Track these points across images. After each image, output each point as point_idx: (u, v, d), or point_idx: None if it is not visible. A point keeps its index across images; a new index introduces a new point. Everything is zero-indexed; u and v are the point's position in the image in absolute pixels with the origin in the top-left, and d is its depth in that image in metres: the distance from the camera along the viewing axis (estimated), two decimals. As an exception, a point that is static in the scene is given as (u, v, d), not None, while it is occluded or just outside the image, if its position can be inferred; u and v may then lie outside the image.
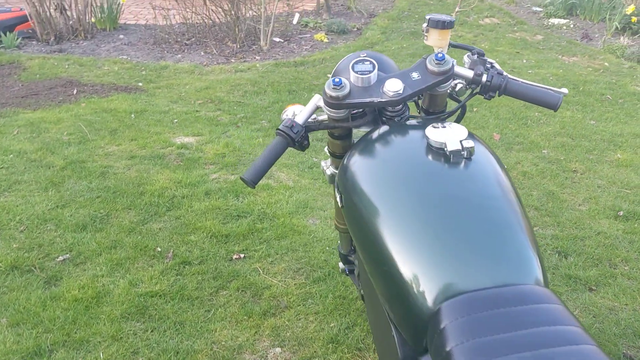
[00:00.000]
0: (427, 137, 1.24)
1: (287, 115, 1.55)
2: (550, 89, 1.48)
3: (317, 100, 1.46)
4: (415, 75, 1.41)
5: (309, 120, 1.47)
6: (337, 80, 1.36)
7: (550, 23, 7.57)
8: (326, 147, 1.68)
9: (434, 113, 1.55)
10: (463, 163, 1.20)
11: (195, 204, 3.05)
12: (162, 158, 3.57)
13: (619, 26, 6.97)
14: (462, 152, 1.20)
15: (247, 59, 5.70)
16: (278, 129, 1.41)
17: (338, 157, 1.62)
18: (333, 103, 1.38)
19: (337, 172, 1.66)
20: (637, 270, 2.67)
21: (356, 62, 1.41)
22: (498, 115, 4.45)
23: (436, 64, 1.39)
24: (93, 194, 3.12)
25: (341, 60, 1.61)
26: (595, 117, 4.54)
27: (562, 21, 7.57)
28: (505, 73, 1.48)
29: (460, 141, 1.21)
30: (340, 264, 2.11)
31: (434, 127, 1.27)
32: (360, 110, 1.50)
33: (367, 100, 1.38)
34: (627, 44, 6.52)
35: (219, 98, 4.64)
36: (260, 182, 3.30)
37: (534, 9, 8.40)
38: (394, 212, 1.15)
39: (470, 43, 6.42)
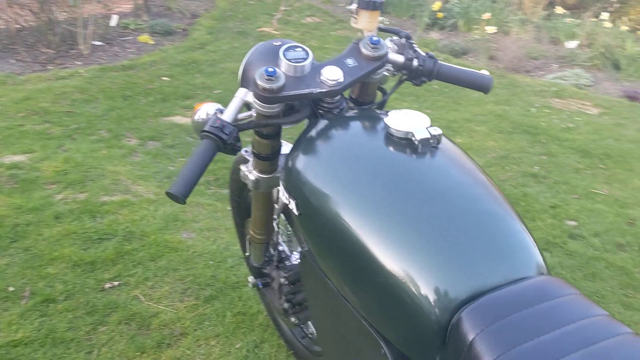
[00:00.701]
0: (388, 127, 1.14)
1: (199, 116, 1.35)
2: (478, 72, 1.47)
3: (243, 94, 1.27)
4: (350, 61, 1.31)
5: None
6: (270, 70, 1.20)
7: (366, 20, 7.91)
8: (244, 149, 1.50)
9: (364, 103, 1.46)
10: (431, 152, 1.12)
11: (45, 231, 2.65)
12: (-10, 182, 3.06)
13: (429, 21, 7.50)
14: (431, 141, 1.13)
15: (67, 65, 5.15)
16: (204, 131, 1.19)
17: (264, 158, 1.45)
18: (267, 97, 1.22)
19: (263, 176, 1.50)
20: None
21: (287, 49, 1.27)
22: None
23: (372, 48, 1.30)
24: None
25: (250, 52, 1.43)
26: (429, 106, 4.81)
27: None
28: (434, 57, 1.43)
29: (427, 129, 1.14)
30: (251, 278, 1.92)
31: (393, 115, 1.17)
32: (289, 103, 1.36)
33: (306, 91, 1.25)
34: (438, 38, 7.05)
35: (43, 109, 4.11)
36: (117, 197, 2.97)
37: (349, 7, 8.71)
38: (377, 214, 1.03)
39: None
